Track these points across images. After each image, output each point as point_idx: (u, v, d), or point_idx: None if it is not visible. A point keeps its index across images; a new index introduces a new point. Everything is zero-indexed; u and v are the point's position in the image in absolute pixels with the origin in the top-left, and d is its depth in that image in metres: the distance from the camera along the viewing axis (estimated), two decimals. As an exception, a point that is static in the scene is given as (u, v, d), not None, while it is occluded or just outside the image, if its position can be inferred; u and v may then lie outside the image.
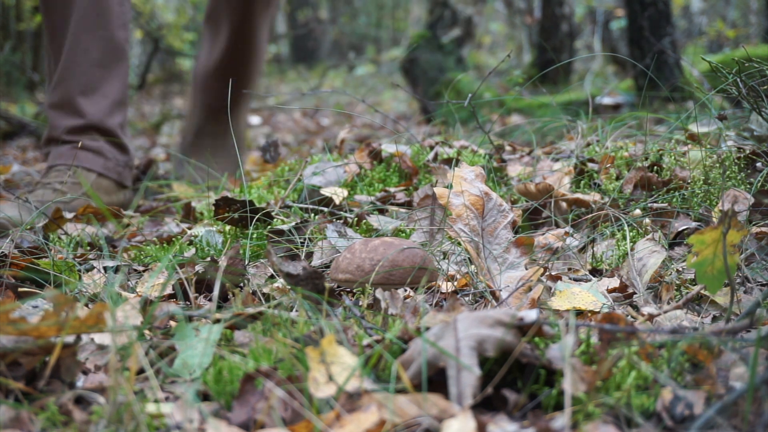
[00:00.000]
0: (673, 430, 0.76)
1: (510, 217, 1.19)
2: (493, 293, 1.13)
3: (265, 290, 1.16)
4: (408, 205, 1.68)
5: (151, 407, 0.79)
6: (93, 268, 1.41)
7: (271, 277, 1.28)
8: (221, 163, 2.60)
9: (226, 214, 1.54)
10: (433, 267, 1.18)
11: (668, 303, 1.13)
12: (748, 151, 1.59)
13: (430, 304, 1.15)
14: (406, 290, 1.14)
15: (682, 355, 0.83)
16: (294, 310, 1.07)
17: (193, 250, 1.46)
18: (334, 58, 11.96)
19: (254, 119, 5.90)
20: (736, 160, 1.57)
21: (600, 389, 0.80)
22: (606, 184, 1.63)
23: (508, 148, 2.25)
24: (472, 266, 1.20)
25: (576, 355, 0.83)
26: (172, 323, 1.04)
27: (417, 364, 0.80)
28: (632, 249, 1.23)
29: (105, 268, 1.34)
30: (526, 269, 1.16)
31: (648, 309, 1.09)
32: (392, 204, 1.70)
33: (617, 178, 1.65)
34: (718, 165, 1.56)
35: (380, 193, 1.75)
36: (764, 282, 1.18)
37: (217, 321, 0.93)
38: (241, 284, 1.21)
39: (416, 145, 2.03)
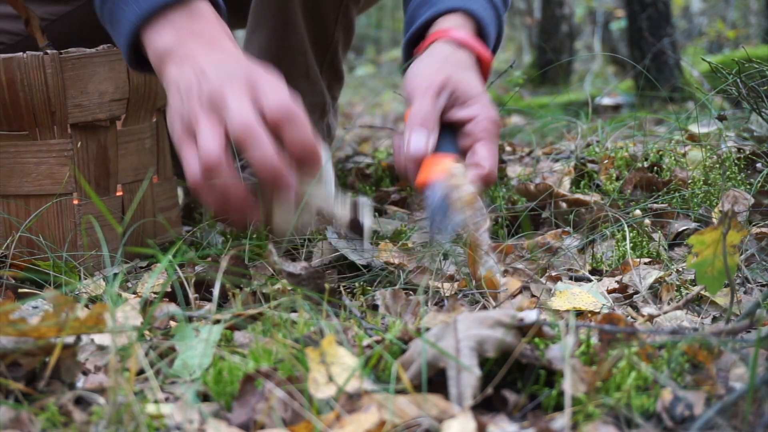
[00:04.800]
0: (673, 431, 0.76)
1: (488, 223, 1.14)
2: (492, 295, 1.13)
3: (265, 290, 1.16)
4: (403, 204, 1.68)
5: (151, 408, 0.79)
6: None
7: (272, 277, 1.28)
8: None
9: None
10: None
11: (668, 303, 1.13)
12: (748, 152, 1.59)
13: (430, 305, 1.15)
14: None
15: (682, 355, 0.83)
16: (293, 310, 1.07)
17: (192, 251, 1.46)
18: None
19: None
20: (736, 161, 1.57)
21: (600, 390, 0.80)
22: (606, 184, 1.63)
23: (507, 148, 2.25)
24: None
25: (576, 356, 0.83)
26: (172, 324, 1.03)
27: (417, 364, 0.80)
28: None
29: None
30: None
31: (648, 309, 1.09)
32: (390, 204, 1.70)
33: (617, 179, 1.65)
34: (718, 165, 1.56)
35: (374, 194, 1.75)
36: (764, 282, 1.18)
37: (217, 322, 0.93)
38: (241, 285, 1.21)
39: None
